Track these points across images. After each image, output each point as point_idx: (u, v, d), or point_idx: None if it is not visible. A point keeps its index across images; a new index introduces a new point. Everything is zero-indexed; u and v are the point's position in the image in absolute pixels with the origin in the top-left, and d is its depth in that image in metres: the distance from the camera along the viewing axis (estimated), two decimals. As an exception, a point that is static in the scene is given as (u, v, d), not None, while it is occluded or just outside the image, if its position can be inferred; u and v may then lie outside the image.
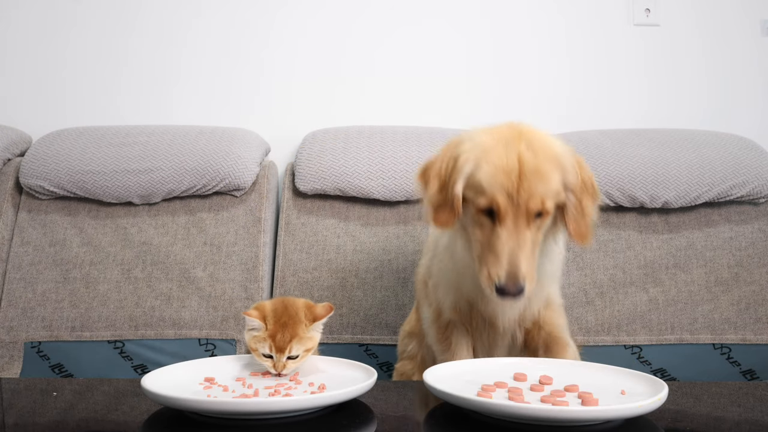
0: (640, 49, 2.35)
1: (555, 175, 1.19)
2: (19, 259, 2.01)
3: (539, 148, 1.20)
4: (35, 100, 2.34)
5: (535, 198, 1.17)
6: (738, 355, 1.90)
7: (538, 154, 1.19)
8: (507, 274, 1.15)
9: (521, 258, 1.16)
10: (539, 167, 1.18)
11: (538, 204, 1.17)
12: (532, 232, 1.18)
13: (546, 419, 0.92)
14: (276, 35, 2.35)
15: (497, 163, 1.19)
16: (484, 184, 1.18)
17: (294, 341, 1.14)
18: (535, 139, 1.21)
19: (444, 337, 1.37)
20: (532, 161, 1.18)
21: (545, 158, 1.19)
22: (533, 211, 1.17)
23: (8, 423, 1.00)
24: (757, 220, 2.04)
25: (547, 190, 1.18)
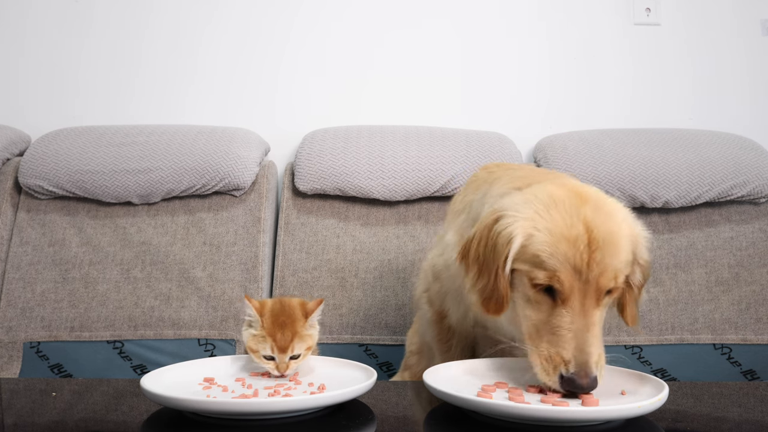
0: (641, 48, 2.35)
1: (628, 245, 1.01)
2: (18, 259, 2.01)
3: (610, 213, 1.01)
4: (34, 100, 2.34)
5: (607, 273, 0.98)
6: (738, 355, 1.90)
7: (609, 219, 1.00)
8: (577, 364, 0.96)
9: (592, 344, 0.97)
10: (613, 234, 0.99)
11: (611, 280, 0.99)
12: (601, 311, 1.01)
13: (546, 419, 0.91)
14: (276, 37, 2.35)
15: (558, 231, 0.99)
16: (542, 257, 0.99)
17: (295, 339, 1.12)
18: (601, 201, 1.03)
19: (445, 339, 1.34)
20: (604, 228, 0.99)
21: (618, 224, 1.01)
22: (604, 289, 0.99)
23: (7, 423, 1.00)
24: (757, 219, 2.04)
25: (622, 263, 1.00)
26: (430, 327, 1.37)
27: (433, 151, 2.08)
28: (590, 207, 1.00)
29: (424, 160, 2.05)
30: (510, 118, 2.33)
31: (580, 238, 0.98)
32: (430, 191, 2.06)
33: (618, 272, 1.00)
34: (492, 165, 1.45)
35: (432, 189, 2.05)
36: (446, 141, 2.11)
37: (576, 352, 0.97)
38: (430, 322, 1.37)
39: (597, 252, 0.98)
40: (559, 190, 1.03)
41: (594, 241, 0.98)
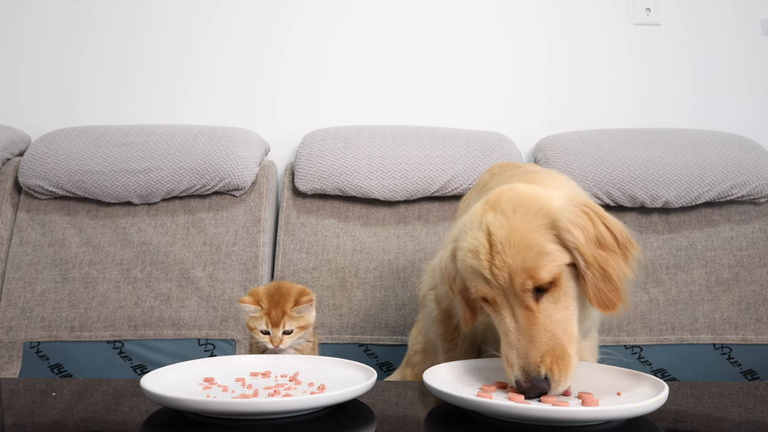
0: (641, 48, 2.35)
1: (540, 236, 0.98)
2: (18, 259, 2.01)
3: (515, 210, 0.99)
4: (35, 100, 2.34)
5: (518, 273, 0.96)
6: (738, 355, 1.90)
7: (511, 219, 0.98)
8: (519, 368, 0.97)
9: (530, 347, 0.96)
10: (513, 233, 0.97)
11: (526, 279, 0.96)
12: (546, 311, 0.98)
13: (546, 419, 0.91)
14: (276, 37, 2.34)
15: (466, 246, 1.01)
16: (463, 273, 1.02)
17: (285, 317, 1.25)
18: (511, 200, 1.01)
19: (451, 338, 1.33)
20: (502, 230, 0.98)
21: (523, 219, 0.98)
22: (525, 288, 0.97)
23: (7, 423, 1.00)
24: (757, 219, 2.04)
25: (532, 257, 0.97)
26: (436, 325, 1.37)
27: (433, 151, 2.08)
28: (494, 212, 1.00)
29: (424, 160, 2.05)
30: (510, 118, 2.33)
31: (481, 247, 0.99)
32: (430, 191, 2.06)
33: (533, 269, 0.96)
34: (496, 166, 1.44)
35: (432, 189, 2.05)
36: (446, 141, 2.11)
37: (516, 357, 0.98)
38: (436, 321, 1.37)
39: (497, 257, 0.97)
40: (479, 205, 1.04)
41: (494, 246, 0.98)
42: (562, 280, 0.99)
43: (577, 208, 1.01)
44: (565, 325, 1.00)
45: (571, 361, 0.98)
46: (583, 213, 1.01)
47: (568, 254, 0.99)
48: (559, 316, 0.99)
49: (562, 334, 0.99)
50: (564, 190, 1.08)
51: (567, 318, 1.00)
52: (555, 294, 0.99)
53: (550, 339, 0.97)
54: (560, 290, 0.99)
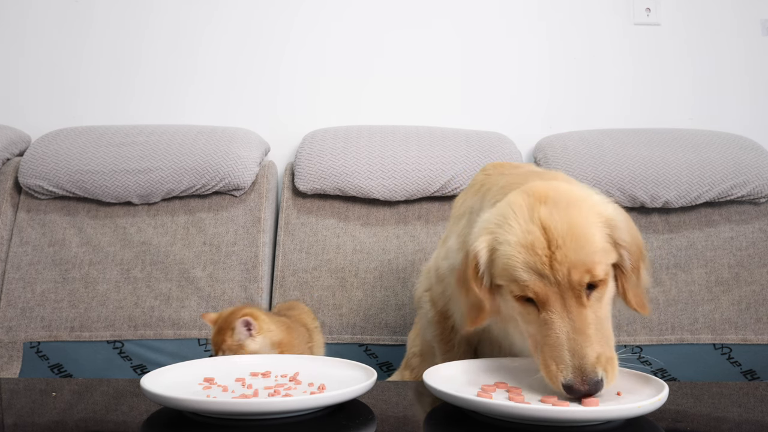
0: (641, 48, 2.35)
1: (597, 232, 0.97)
2: (18, 259, 2.01)
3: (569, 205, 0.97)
4: (34, 100, 2.34)
5: (577, 269, 0.94)
6: (738, 355, 1.90)
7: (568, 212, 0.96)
8: (573, 369, 0.94)
9: (586, 346, 0.94)
10: (573, 228, 0.95)
11: (584, 274, 0.95)
12: (593, 308, 0.96)
13: (546, 419, 0.91)
14: (276, 37, 2.34)
15: (515, 240, 0.97)
16: (510, 269, 0.97)
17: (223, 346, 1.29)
18: (561, 196, 0.99)
19: (447, 339, 1.33)
20: (562, 223, 0.95)
21: (580, 215, 0.97)
22: (581, 284, 0.95)
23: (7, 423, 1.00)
24: (757, 219, 2.04)
25: (592, 253, 0.96)
26: (432, 326, 1.36)
27: (433, 151, 2.08)
28: (547, 206, 0.97)
29: (424, 160, 2.05)
30: (510, 118, 2.33)
31: (537, 241, 0.96)
32: (430, 191, 2.06)
33: (591, 264, 0.95)
34: (489, 167, 1.43)
35: (432, 189, 2.05)
36: (446, 141, 2.11)
37: (570, 357, 0.94)
38: (431, 322, 1.37)
39: (557, 251, 0.95)
40: (518, 197, 1.02)
41: (552, 240, 0.95)
42: (608, 279, 0.99)
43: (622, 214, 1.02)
44: (609, 325, 0.99)
45: (616, 363, 0.97)
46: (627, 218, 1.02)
47: (615, 254, 0.99)
48: (602, 314, 0.98)
49: (609, 334, 0.98)
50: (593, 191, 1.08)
51: (608, 317, 1.00)
52: (601, 292, 0.98)
53: (603, 338, 0.96)
54: (605, 288, 0.98)
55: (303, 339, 1.44)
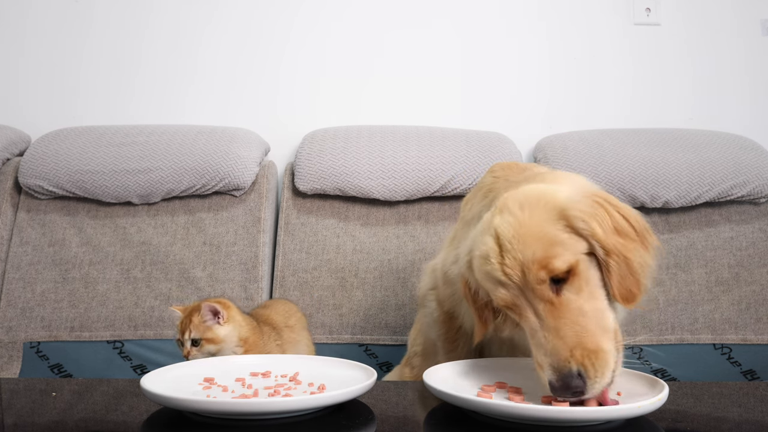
0: (641, 48, 2.35)
1: (549, 226, 0.94)
2: (18, 259, 2.01)
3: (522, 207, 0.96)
4: (35, 100, 2.34)
5: (530, 267, 0.92)
6: (738, 355, 1.90)
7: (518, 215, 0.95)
8: (550, 369, 0.91)
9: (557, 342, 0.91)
10: (520, 231, 0.94)
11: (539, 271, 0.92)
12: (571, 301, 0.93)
13: (546, 419, 0.91)
14: (276, 37, 2.34)
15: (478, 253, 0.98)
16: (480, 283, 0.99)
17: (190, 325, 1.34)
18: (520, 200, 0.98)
19: (453, 339, 1.32)
20: (509, 228, 0.94)
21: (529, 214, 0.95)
22: (540, 281, 0.92)
23: (7, 423, 1.00)
24: (757, 219, 2.04)
25: (542, 248, 0.93)
26: (437, 326, 1.35)
27: (433, 151, 2.08)
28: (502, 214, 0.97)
29: (424, 160, 2.05)
30: (510, 118, 2.33)
31: (491, 250, 0.96)
32: (430, 191, 2.06)
33: (544, 260, 0.91)
34: (497, 168, 1.41)
35: (432, 189, 2.05)
36: (446, 141, 2.11)
37: (544, 357, 0.92)
38: (437, 321, 1.35)
39: (506, 256, 0.94)
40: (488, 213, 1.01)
41: (502, 246, 0.94)
42: (580, 269, 0.93)
43: (589, 198, 0.97)
44: (597, 317, 0.93)
45: (607, 355, 0.90)
46: (595, 203, 0.97)
47: (584, 243, 0.95)
48: (587, 307, 0.93)
49: (595, 326, 0.92)
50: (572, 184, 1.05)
51: (598, 308, 0.94)
52: (575, 284, 0.93)
53: (579, 331, 0.91)
54: (580, 279, 0.93)
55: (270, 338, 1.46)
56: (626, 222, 0.97)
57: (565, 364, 0.89)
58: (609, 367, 0.91)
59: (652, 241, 0.98)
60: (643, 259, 0.96)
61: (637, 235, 0.97)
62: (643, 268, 0.96)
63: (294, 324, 1.62)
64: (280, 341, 1.46)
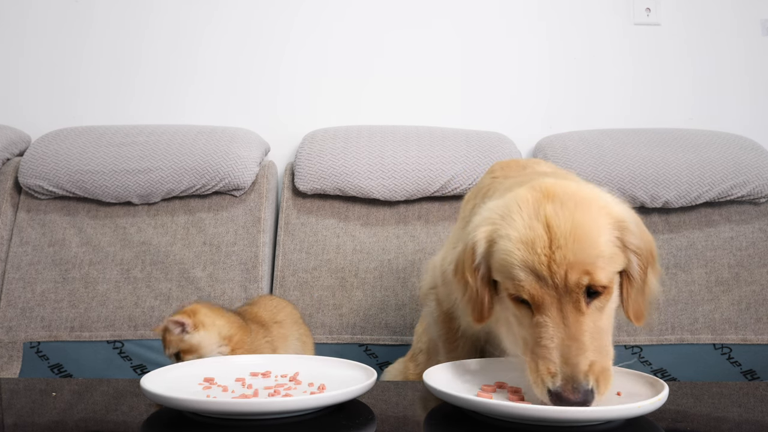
0: (641, 48, 2.35)
1: (605, 235, 0.91)
2: (18, 259, 2.01)
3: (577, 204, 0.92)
4: (34, 99, 2.34)
5: (576, 270, 0.89)
6: (738, 355, 1.90)
7: (575, 211, 0.90)
8: (564, 377, 0.89)
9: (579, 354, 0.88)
10: (578, 228, 0.89)
11: (582, 276, 0.89)
12: (593, 317, 0.91)
13: (546, 419, 0.91)
14: (276, 37, 2.34)
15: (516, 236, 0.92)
16: (507, 265, 0.92)
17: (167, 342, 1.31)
18: (570, 194, 0.93)
19: (453, 339, 1.31)
20: (566, 223, 0.90)
21: (586, 214, 0.91)
22: (580, 287, 0.89)
23: (7, 423, 0.99)
24: (757, 219, 2.04)
25: (594, 255, 0.90)
26: (437, 325, 1.35)
27: (433, 151, 2.08)
28: (554, 204, 0.92)
29: (424, 160, 2.05)
30: (510, 118, 2.33)
31: (539, 239, 0.90)
32: (430, 191, 2.06)
33: (593, 268, 0.89)
34: (497, 167, 1.40)
35: (432, 189, 2.05)
36: (446, 141, 2.11)
37: (561, 364, 0.89)
38: (437, 321, 1.35)
39: (557, 252, 0.89)
40: (526, 192, 0.96)
41: (554, 240, 0.89)
42: (613, 287, 0.93)
43: (635, 217, 0.96)
44: (609, 337, 0.94)
45: (611, 377, 0.92)
46: (639, 223, 0.96)
47: (623, 260, 0.93)
48: (603, 325, 0.93)
49: (608, 346, 0.93)
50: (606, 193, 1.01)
51: (609, 329, 0.94)
52: (603, 301, 0.92)
53: (598, 348, 0.91)
54: (609, 297, 0.93)
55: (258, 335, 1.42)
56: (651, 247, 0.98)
57: (584, 377, 0.89)
58: (609, 386, 0.93)
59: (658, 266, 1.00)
60: (655, 285, 0.98)
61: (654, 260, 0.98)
62: (654, 292, 0.98)
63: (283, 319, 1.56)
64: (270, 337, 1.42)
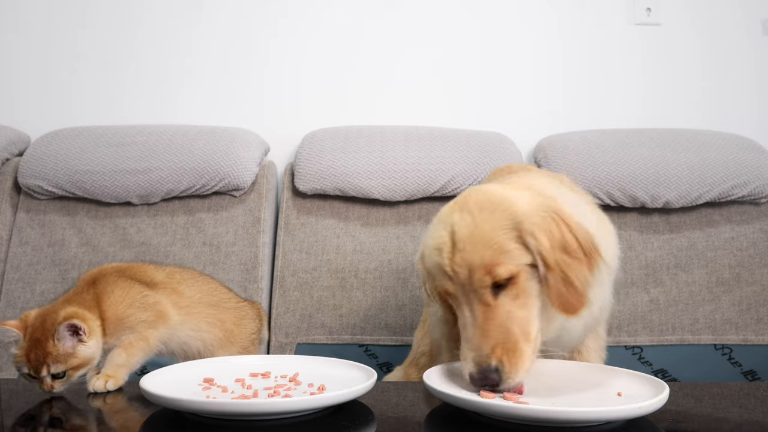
0: (641, 48, 2.34)
1: (501, 235, 1.01)
2: (17, 260, 2.00)
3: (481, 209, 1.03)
4: (34, 100, 2.33)
5: (476, 270, 1.00)
6: (739, 355, 1.90)
7: (476, 218, 1.02)
8: (473, 361, 1.00)
9: (482, 339, 1.00)
10: (474, 233, 1.01)
11: (484, 276, 1.00)
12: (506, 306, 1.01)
13: (546, 420, 0.91)
14: (277, 38, 2.34)
15: (431, 243, 1.06)
16: (428, 270, 1.07)
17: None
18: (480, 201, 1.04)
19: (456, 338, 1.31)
20: (466, 229, 1.01)
21: (486, 221, 1.01)
22: (483, 285, 1.00)
23: (6, 424, 0.99)
24: (758, 220, 2.04)
25: (490, 254, 1.00)
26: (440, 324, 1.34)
27: (433, 151, 2.08)
28: (461, 212, 1.03)
29: (425, 160, 2.05)
30: (510, 119, 2.33)
31: (444, 244, 1.03)
32: (431, 191, 2.06)
33: (491, 266, 0.99)
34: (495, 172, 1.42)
35: (432, 189, 2.05)
36: (446, 141, 2.11)
37: (469, 350, 1.01)
38: (440, 320, 1.34)
39: (457, 254, 1.01)
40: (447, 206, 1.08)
41: (456, 243, 1.01)
42: (521, 279, 1.01)
43: (545, 213, 1.03)
44: (523, 324, 1.02)
45: (524, 356, 1.00)
46: (549, 218, 1.03)
47: (529, 255, 1.01)
48: (518, 314, 1.01)
49: (519, 331, 1.01)
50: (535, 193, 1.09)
51: (526, 317, 1.02)
52: (513, 291, 1.01)
53: (503, 333, 1.00)
54: (518, 288, 1.01)
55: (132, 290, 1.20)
56: (575, 240, 1.03)
57: (486, 359, 0.99)
58: (524, 366, 1.00)
59: (599, 260, 1.05)
60: (584, 276, 1.02)
61: (584, 254, 1.03)
62: (584, 284, 1.02)
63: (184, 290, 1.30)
64: (151, 295, 1.19)
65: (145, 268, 1.28)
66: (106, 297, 1.17)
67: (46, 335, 1.07)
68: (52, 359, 1.05)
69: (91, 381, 1.13)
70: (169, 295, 1.26)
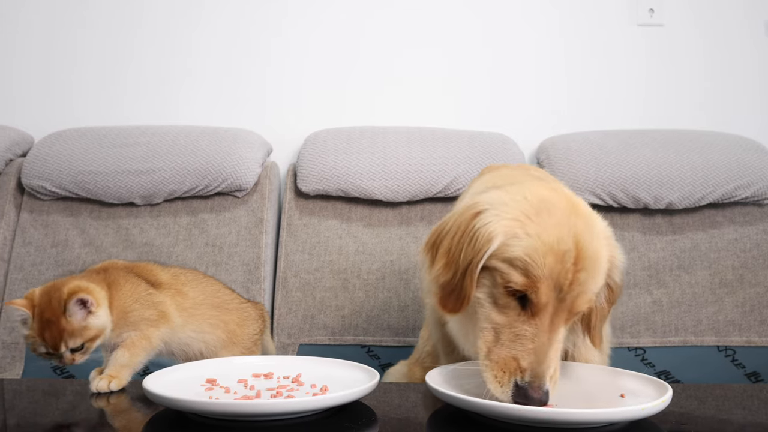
0: (644, 49, 2.34)
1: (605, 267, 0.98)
2: (20, 260, 2.01)
3: (597, 231, 0.97)
4: (37, 100, 2.34)
5: (585, 295, 0.95)
6: (742, 357, 1.90)
7: (596, 238, 0.95)
8: (533, 374, 0.93)
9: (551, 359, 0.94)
10: (597, 258, 0.94)
11: (587, 302, 0.96)
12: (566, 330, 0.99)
13: (549, 421, 0.91)
14: (279, 39, 2.35)
15: (548, 241, 0.93)
16: (527, 263, 0.93)
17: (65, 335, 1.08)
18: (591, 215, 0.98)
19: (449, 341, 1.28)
20: (591, 249, 0.94)
21: (602, 247, 0.96)
22: (578, 310, 0.96)
23: (10, 424, 1.00)
24: (761, 221, 2.03)
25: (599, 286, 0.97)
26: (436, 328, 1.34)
27: (435, 152, 2.08)
28: (582, 222, 0.95)
29: (427, 161, 2.05)
30: (513, 119, 2.32)
31: (569, 254, 0.93)
32: (433, 192, 2.06)
33: (592, 296, 0.97)
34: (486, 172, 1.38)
35: (435, 190, 2.05)
36: (449, 142, 2.11)
37: (534, 363, 0.93)
38: (437, 323, 1.35)
39: (582, 272, 0.94)
40: (552, 195, 0.98)
41: (581, 260, 0.93)
42: None
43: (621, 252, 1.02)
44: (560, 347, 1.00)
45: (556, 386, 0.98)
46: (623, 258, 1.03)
47: None
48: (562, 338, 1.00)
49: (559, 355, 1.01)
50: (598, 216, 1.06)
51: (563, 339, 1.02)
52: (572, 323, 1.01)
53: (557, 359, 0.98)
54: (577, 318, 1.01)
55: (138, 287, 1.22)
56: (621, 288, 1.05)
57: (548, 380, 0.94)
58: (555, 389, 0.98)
59: None
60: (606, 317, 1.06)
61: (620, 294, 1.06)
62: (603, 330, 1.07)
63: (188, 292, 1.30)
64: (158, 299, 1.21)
65: (151, 267, 1.29)
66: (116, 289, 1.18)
67: (57, 314, 1.08)
68: (68, 335, 1.08)
69: (94, 381, 1.14)
70: (173, 297, 1.26)
